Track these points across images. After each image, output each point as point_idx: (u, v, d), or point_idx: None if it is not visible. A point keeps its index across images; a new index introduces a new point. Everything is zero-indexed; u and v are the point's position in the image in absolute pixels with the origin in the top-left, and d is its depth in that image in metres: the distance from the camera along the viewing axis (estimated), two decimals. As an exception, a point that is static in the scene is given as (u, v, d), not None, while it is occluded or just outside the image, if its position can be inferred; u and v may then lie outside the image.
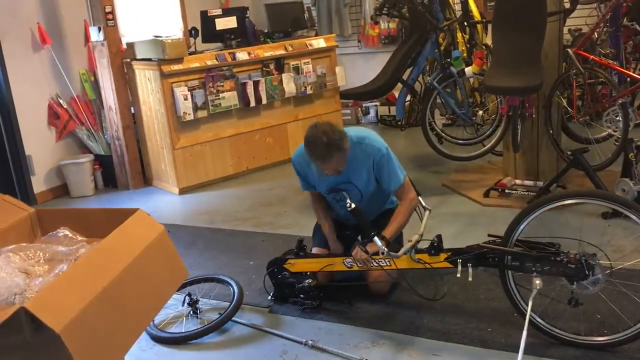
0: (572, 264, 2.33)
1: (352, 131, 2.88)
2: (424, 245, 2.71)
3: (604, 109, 4.07)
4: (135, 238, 1.90)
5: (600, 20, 4.29)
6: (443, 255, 2.63)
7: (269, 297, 3.00)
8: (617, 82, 4.02)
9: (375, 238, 2.64)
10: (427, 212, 2.92)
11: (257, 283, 3.17)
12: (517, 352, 2.37)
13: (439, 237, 2.70)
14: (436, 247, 2.65)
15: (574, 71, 3.97)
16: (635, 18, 4.21)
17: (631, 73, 3.96)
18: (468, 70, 4.49)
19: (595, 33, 4.46)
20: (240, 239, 3.93)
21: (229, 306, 2.81)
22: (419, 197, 2.97)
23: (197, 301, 2.93)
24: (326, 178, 2.88)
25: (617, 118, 3.87)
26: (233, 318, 2.80)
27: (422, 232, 2.73)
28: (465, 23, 5.25)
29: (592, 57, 4.06)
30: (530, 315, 2.45)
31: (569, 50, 4.05)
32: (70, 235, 1.97)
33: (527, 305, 2.43)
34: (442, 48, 4.82)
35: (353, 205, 2.72)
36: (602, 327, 2.46)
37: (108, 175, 5.39)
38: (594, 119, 4.22)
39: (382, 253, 2.63)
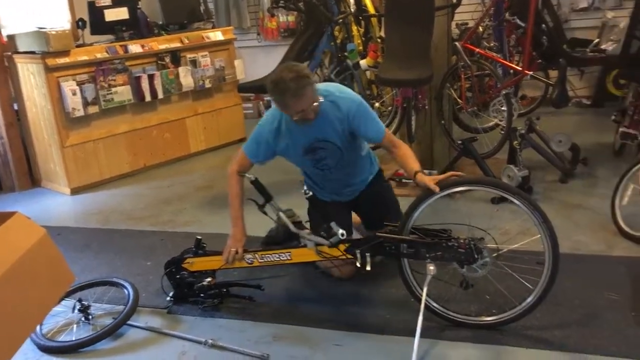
0: (462, 249, 2.42)
1: (320, 86, 2.77)
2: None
3: (490, 100, 4.28)
4: (11, 244, 1.76)
5: (484, 15, 4.50)
6: (342, 247, 2.65)
7: (168, 298, 2.91)
8: (501, 74, 4.24)
9: (303, 232, 2.64)
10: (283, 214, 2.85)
11: (154, 284, 3.06)
12: (412, 336, 2.45)
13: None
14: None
15: (462, 64, 4.14)
16: (517, 13, 4.45)
17: (514, 65, 4.19)
18: (363, 63, 4.57)
19: (481, 27, 4.68)
20: (137, 239, 3.78)
21: (124, 310, 2.70)
22: (272, 201, 2.87)
23: (88, 307, 2.79)
24: (300, 136, 2.74)
25: (502, 108, 4.08)
26: (128, 322, 2.69)
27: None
28: (360, 16, 5.33)
29: (478, 50, 4.25)
30: (426, 300, 2.53)
31: (456, 43, 4.22)
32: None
33: (422, 290, 2.52)
34: (338, 41, 4.86)
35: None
36: (491, 307, 2.58)
37: (-10, 176, 5.02)
38: (482, 110, 4.42)
39: (342, 235, 2.60)
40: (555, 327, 2.46)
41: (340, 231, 2.59)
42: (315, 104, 2.61)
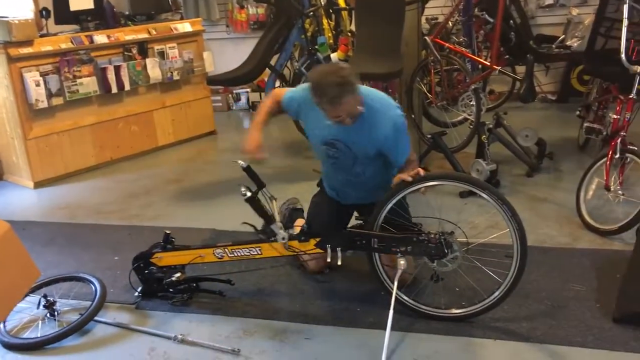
0: (432, 244, 2.44)
1: (366, 90, 2.59)
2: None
3: (459, 94, 4.32)
4: (-27, 239, 1.72)
5: (453, 10, 4.53)
6: (313, 241, 2.65)
7: (136, 294, 2.86)
8: (470, 69, 4.28)
9: (275, 226, 2.60)
10: (274, 201, 2.78)
11: (122, 279, 3.01)
12: (384, 329, 2.47)
13: (308, 223, 2.71)
14: (306, 233, 2.66)
15: (432, 58, 4.17)
16: (486, 8, 4.50)
17: (482, 60, 4.22)
18: (334, 56, 4.56)
19: (450, 22, 4.71)
20: (105, 234, 3.72)
21: (91, 305, 2.65)
22: (264, 189, 2.79)
23: (54, 302, 2.72)
24: (326, 127, 2.57)
25: (471, 102, 4.12)
26: (95, 318, 2.64)
27: (280, 220, 2.73)
28: (331, 9, 5.32)
29: (447, 44, 4.28)
30: (396, 294, 2.55)
31: (426, 38, 4.24)
32: None
33: (393, 284, 2.53)
34: (308, 34, 4.85)
35: (249, 194, 2.59)
36: (460, 300, 2.62)
37: (-50, 170, 4.87)
38: (451, 104, 4.46)
39: (283, 238, 2.61)
40: (523, 319, 2.50)
41: (282, 234, 2.59)
42: (354, 111, 2.43)
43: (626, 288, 2.54)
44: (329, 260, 2.59)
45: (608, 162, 3.32)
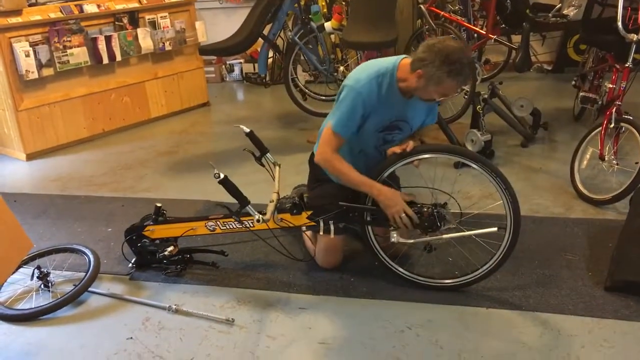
0: (425, 217, 2.43)
1: None
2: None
3: (454, 64, 4.27)
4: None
5: (450, -22, 4.46)
6: (305, 214, 2.64)
7: (130, 265, 2.86)
8: (465, 38, 4.23)
9: (249, 207, 2.56)
10: (277, 167, 2.84)
11: (116, 251, 3.01)
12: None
13: (301, 196, 2.69)
14: (298, 205, 2.63)
15: (427, 27, 4.12)
16: (481, -23, 4.44)
17: (477, 29, 4.18)
18: (327, 25, 4.50)
19: (446, -10, 4.65)
20: (97, 205, 3.70)
21: (85, 276, 2.64)
22: (268, 154, 2.81)
23: (48, 274, 2.72)
24: (391, 109, 2.45)
25: (466, 72, 4.08)
26: (90, 289, 2.64)
27: (278, 190, 2.71)
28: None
29: (442, 13, 4.23)
30: (390, 264, 2.56)
31: (422, 6, 4.19)
32: None
33: (386, 255, 2.54)
34: (302, 3, 4.77)
35: (222, 176, 2.50)
36: (453, 270, 2.63)
37: (-60, 142, 4.82)
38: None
39: (258, 221, 2.57)
40: (515, 288, 2.52)
41: (257, 217, 2.55)
42: None
43: (618, 257, 2.55)
44: (321, 233, 2.57)
45: (603, 132, 3.32)
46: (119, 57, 5.08)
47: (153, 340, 2.33)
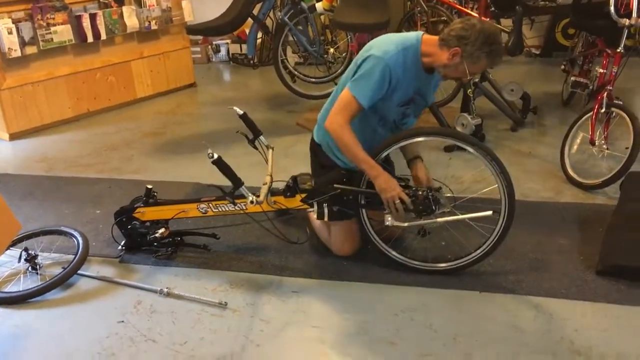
0: (420, 200, 2.42)
1: None
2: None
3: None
4: (-49, 191, 1.65)
5: (442, -40, 4.42)
6: (299, 197, 2.61)
7: (119, 247, 2.82)
8: (457, 21, 4.20)
9: (242, 188, 2.52)
10: (271, 150, 2.79)
11: (105, 233, 2.96)
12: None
13: (294, 178, 2.65)
14: (291, 188, 2.61)
15: (419, 9, 4.09)
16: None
17: (469, 11, 4.15)
18: (318, 6, 4.44)
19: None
20: (84, 187, 3.64)
21: (74, 259, 2.60)
22: (261, 137, 2.76)
23: (35, 256, 2.67)
24: (413, 82, 2.41)
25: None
26: (79, 271, 2.60)
27: (272, 172, 2.67)
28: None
29: (435, -5, 4.20)
30: (384, 248, 2.55)
31: (414, -12, 4.15)
32: None
33: (380, 239, 2.53)
34: (292, -17, 4.70)
35: (215, 156, 2.42)
36: (447, 254, 2.63)
37: None
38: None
39: (252, 202, 2.52)
40: (508, 272, 2.53)
41: (251, 198, 2.50)
42: None
43: (609, 242, 2.57)
44: (315, 217, 2.54)
45: (594, 117, 3.32)
46: (103, 36, 4.98)
47: (145, 324, 2.30)
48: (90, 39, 4.88)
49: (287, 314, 2.33)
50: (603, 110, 3.30)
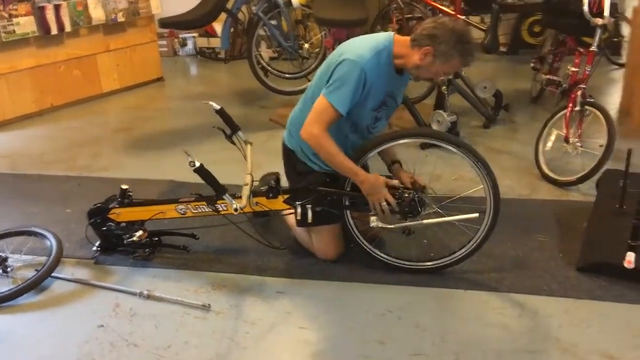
0: (406, 202, 2.40)
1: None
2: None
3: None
4: None
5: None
6: (281, 198, 2.55)
7: (94, 248, 2.72)
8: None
9: (226, 196, 2.45)
10: (249, 146, 2.71)
11: (78, 233, 2.86)
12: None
13: (277, 179, 2.59)
14: (274, 189, 2.53)
15: (395, 5, 4.08)
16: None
17: (444, 8, 4.17)
18: (295, 0, 4.38)
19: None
20: (52, 185, 3.51)
21: (47, 261, 2.49)
22: (239, 132, 2.69)
23: (5, 258, 2.56)
24: (384, 85, 2.37)
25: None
26: (53, 274, 2.50)
27: (252, 171, 2.61)
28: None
29: (411, -8, 4.19)
30: (368, 248, 2.53)
31: (389, -16, 4.14)
32: None
33: (365, 239, 2.52)
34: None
35: (197, 164, 2.34)
36: (430, 252, 2.62)
37: None
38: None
39: (236, 210, 2.45)
40: (491, 270, 2.54)
41: (235, 206, 2.43)
42: None
43: (589, 238, 2.61)
44: (298, 218, 2.48)
45: (568, 114, 3.37)
46: (68, 28, 4.83)
47: (126, 328, 2.23)
48: (54, 31, 4.72)
49: (272, 315, 2.29)
50: (577, 108, 3.35)
